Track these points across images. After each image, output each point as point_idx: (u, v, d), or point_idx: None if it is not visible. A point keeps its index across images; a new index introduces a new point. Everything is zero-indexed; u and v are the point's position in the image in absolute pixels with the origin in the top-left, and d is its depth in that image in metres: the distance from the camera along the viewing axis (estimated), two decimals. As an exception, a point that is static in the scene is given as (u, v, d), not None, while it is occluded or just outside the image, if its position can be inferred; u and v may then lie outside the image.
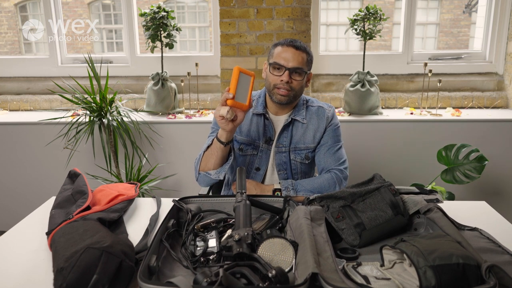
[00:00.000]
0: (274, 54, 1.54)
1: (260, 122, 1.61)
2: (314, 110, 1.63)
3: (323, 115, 1.62)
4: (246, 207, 1.05)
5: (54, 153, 2.50)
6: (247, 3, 2.56)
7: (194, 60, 2.74)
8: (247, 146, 1.63)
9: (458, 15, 6.17)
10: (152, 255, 0.91)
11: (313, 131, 1.60)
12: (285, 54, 1.51)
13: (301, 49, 1.53)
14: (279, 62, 1.51)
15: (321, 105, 1.65)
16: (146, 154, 2.52)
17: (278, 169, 1.60)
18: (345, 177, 1.57)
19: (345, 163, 1.60)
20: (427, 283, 0.80)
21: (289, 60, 1.50)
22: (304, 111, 1.62)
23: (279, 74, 1.52)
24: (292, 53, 1.51)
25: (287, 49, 1.52)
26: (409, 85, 2.84)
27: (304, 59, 1.53)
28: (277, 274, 0.79)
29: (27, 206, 1.68)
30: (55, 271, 0.89)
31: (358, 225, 1.07)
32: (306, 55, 1.54)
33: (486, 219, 1.27)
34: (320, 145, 1.61)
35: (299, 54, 1.51)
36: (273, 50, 1.56)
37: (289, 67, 1.50)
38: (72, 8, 6.11)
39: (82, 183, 1.34)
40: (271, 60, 1.55)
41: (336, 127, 1.63)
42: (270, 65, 1.55)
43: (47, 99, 2.88)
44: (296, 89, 1.54)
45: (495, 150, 2.43)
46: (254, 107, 1.63)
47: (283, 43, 1.54)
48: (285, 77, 1.50)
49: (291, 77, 1.51)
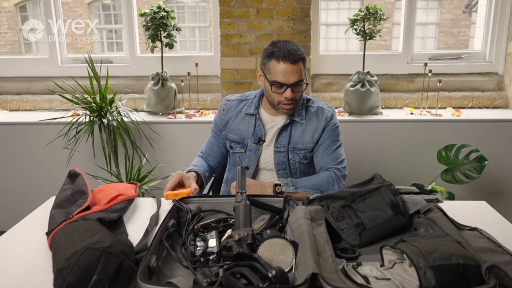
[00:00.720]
0: (271, 71, 1.49)
1: (251, 122, 1.63)
2: (314, 110, 1.63)
3: (322, 115, 1.62)
4: (246, 207, 1.05)
5: (54, 153, 2.50)
6: (247, 3, 2.56)
7: (194, 60, 2.74)
8: (236, 144, 1.66)
9: (458, 15, 6.17)
10: (152, 255, 0.91)
11: (312, 131, 1.60)
12: (284, 70, 1.46)
13: (298, 61, 1.47)
14: (279, 80, 1.48)
15: (321, 106, 1.64)
16: (146, 154, 2.52)
17: (277, 168, 1.62)
18: (344, 176, 1.57)
19: (343, 162, 1.60)
20: (427, 283, 0.80)
21: (289, 76, 1.47)
22: (303, 111, 1.62)
23: (281, 92, 1.50)
24: (291, 68, 1.46)
25: (285, 65, 1.46)
26: (409, 85, 2.84)
27: (302, 69, 1.50)
28: (277, 274, 0.79)
29: (27, 206, 1.68)
30: (55, 271, 0.89)
31: (358, 225, 1.07)
32: (302, 62, 1.49)
33: (486, 219, 1.27)
34: (318, 144, 1.61)
35: (298, 67, 1.48)
36: (269, 64, 1.50)
37: (290, 83, 1.48)
38: (72, 8, 6.11)
39: (82, 183, 1.34)
40: (270, 78, 1.50)
41: (335, 127, 1.63)
42: (270, 84, 1.50)
43: (47, 99, 2.88)
44: (299, 99, 1.56)
45: (495, 150, 2.43)
46: (247, 106, 1.65)
47: (279, 56, 1.47)
48: (288, 94, 1.49)
49: (293, 91, 1.50)
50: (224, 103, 1.70)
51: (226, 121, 1.68)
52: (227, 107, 1.69)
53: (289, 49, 1.47)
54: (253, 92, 1.71)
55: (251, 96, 1.69)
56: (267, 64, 1.52)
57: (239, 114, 1.66)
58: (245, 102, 1.68)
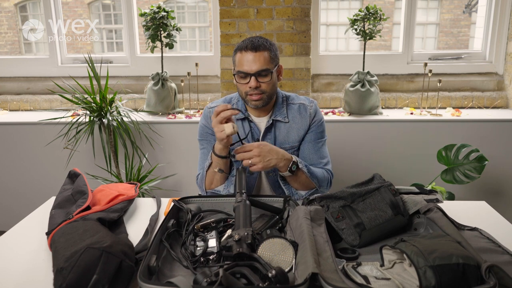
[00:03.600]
0: (236, 62, 1.48)
1: (245, 126, 1.58)
2: (296, 108, 1.59)
3: (305, 112, 1.58)
4: (246, 207, 1.05)
5: (54, 153, 2.50)
6: (247, 3, 2.56)
7: (194, 60, 2.74)
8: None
9: (458, 15, 6.17)
10: (152, 255, 0.91)
11: (297, 129, 1.57)
12: (246, 59, 1.44)
13: (261, 48, 1.45)
14: (242, 69, 1.46)
15: (302, 102, 1.61)
16: (146, 154, 2.52)
17: (267, 171, 1.56)
18: (332, 179, 1.57)
19: (329, 164, 1.59)
20: (427, 283, 0.80)
21: (251, 65, 1.44)
22: (284, 110, 1.58)
23: (245, 82, 1.47)
24: (252, 56, 1.44)
25: (247, 54, 1.44)
26: (409, 85, 2.84)
27: (266, 58, 1.46)
28: (277, 274, 0.79)
29: (27, 206, 1.68)
30: (55, 271, 0.89)
31: (358, 225, 1.07)
32: (267, 52, 1.46)
33: (486, 219, 1.27)
34: (304, 141, 1.58)
35: (260, 55, 1.44)
36: (235, 57, 1.50)
37: (253, 72, 1.45)
38: (72, 8, 6.11)
39: (82, 183, 1.34)
40: (235, 70, 1.50)
41: (320, 123, 1.60)
42: (234, 75, 1.50)
43: (47, 99, 2.88)
44: (268, 90, 1.49)
45: (495, 150, 2.43)
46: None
47: (242, 47, 1.46)
48: (252, 83, 1.45)
49: (258, 80, 1.46)
50: (208, 111, 1.62)
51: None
52: (213, 114, 1.61)
53: (252, 40, 1.47)
54: (233, 95, 1.65)
55: (233, 100, 1.63)
56: (234, 59, 1.51)
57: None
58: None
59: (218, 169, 1.43)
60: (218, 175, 1.46)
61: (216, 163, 1.43)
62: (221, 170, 1.44)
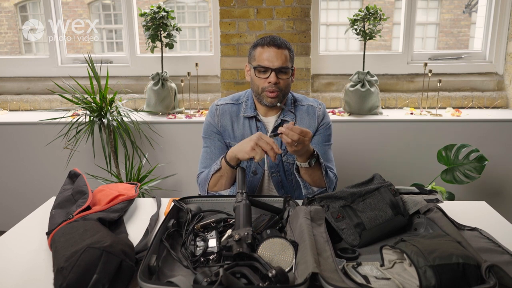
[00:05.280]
0: (256, 57, 1.49)
1: (252, 125, 1.57)
2: (304, 109, 1.59)
3: (313, 113, 1.59)
4: (246, 207, 1.05)
5: (54, 153, 2.50)
6: (247, 3, 2.56)
7: (194, 60, 2.74)
8: None
9: (458, 15, 6.17)
10: (152, 255, 0.92)
11: None
12: (268, 54, 1.46)
13: (283, 46, 1.48)
14: (263, 64, 1.47)
15: (310, 104, 1.61)
16: (146, 154, 2.52)
17: (271, 171, 1.57)
18: (336, 182, 1.57)
19: (334, 168, 1.58)
20: (427, 283, 0.80)
21: (273, 60, 1.46)
22: (293, 110, 1.58)
23: (265, 77, 1.48)
24: (275, 52, 1.46)
25: (269, 49, 1.47)
26: (409, 85, 2.84)
27: (287, 57, 1.49)
28: (277, 274, 0.79)
29: (27, 206, 1.68)
30: (55, 271, 0.89)
31: (358, 225, 1.07)
32: (288, 51, 1.49)
33: (486, 219, 1.27)
34: (311, 143, 1.58)
35: (282, 52, 1.47)
36: (254, 52, 1.51)
37: (274, 67, 1.46)
38: (72, 8, 6.11)
39: (82, 183, 1.34)
40: (255, 63, 1.50)
41: (328, 126, 1.60)
42: (254, 69, 1.50)
43: (47, 99, 2.88)
44: (284, 88, 1.50)
45: (495, 150, 2.43)
46: (244, 110, 1.59)
47: (263, 43, 1.48)
48: (272, 78, 1.46)
49: (278, 77, 1.47)
50: (215, 108, 1.61)
51: (224, 127, 1.59)
52: (221, 112, 1.60)
53: (274, 37, 1.50)
54: (241, 94, 1.64)
55: (242, 98, 1.62)
56: (252, 53, 1.52)
57: (237, 119, 1.59)
58: (239, 105, 1.60)
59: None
60: (223, 180, 1.43)
61: (226, 170, 1.41)
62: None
